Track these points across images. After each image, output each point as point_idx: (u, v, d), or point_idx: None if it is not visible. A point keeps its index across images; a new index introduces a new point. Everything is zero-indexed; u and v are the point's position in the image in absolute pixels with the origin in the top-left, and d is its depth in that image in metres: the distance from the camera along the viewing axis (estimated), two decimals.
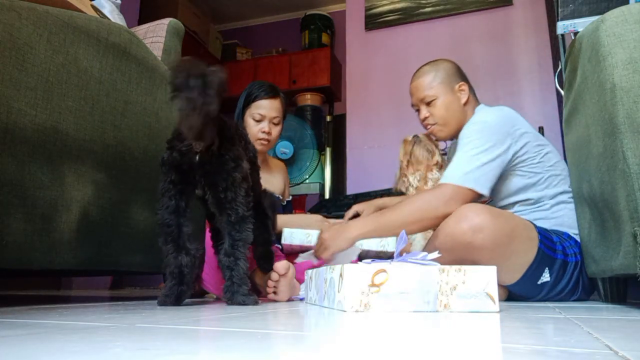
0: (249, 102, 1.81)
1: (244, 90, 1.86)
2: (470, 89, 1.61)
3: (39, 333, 0.55)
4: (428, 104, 1.58)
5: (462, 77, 1.61)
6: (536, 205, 1.47)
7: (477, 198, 1.37)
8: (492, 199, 1.41)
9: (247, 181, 1.08)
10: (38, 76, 1.02)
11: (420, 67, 1.65)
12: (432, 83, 1.57)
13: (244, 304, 1.04)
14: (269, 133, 1.78)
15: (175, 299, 1.04)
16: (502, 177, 1.43)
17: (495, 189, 1.43)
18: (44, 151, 1.04)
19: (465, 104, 1.58)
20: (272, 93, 1.80)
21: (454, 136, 1.61)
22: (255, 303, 1.06)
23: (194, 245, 1.06)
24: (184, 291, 1.05)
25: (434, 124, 1.59)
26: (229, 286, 1.05)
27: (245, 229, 1.06)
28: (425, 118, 1.60)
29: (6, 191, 0.95)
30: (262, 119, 1.77)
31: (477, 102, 1.63)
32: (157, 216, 1.05)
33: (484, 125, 1.42)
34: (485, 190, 1.35)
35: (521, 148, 1.43)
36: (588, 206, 1.28)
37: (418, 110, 1.64)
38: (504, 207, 1.49)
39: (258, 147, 1.79)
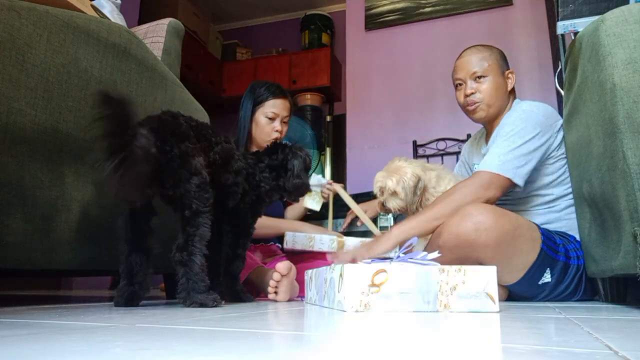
0: (261, 101, 1.82)
1: (250, 90, 1.86)
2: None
3: (39, 333, 0.55)
4: (478, 78, 1.53)
5: (509, 65, 1.60)
6: (551, 205, 1.47)
7: (512, 187, 1.37)
8: (520, 189, 1.39)
9: (199, 175, 1.03)
10: (38, 76, 1.02)
11: (472, 46, 1.61)
12: (486, 61, 1.54)
13: (202, 304, 0.97)
14: (280, 132, 1.82)
15: (126, 301, 1.02)
16: (534, 168, 1.42)
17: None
18: (44, 151, 1.04)
19: (510, 92, 1.57)
20: (283, 93, 1.85)
21: (491, 120, 1.57)
22: (216, 303, 0.99)
23: (152, 244, 1.05)
24: (136, 292, 1.02)
25: (479, 102, 1.53)
26: (183, 284, 0.98)
27: (201, 223, 1.01)
28: (471, 94, 1.54)
29: (6, 191, 0.95)
30: (275, 117, 1.81)
31: (515, 96, 1.62)
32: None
33: (529, 115, 1.42)
34: (521, 182, 1.35)
35: (558, 143, 1.44)
36: (588, 206, 1.28)
37: (459, 85, 1.58)
38: (523, 199, 1.48)
39: None
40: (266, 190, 1.31)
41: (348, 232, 1.92)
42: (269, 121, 1.80)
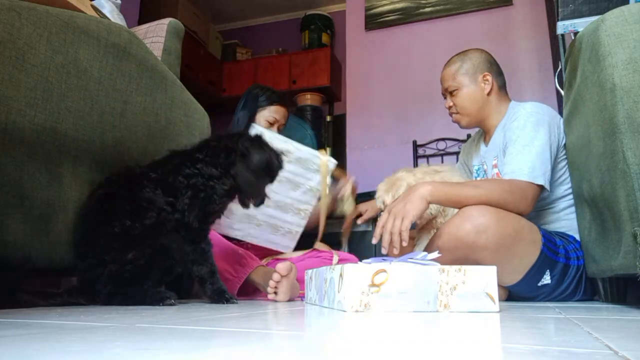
0: (264, 105, 1.85)
1: (253, 93, 1.86)
2: (497, 79, 1.59)
3: (39, 333, 0.55)
4: (451, 93, 1.61)
5: (489, 67, 1.60)
6: (550, 206, 1.47)
7: (541, 194, 1.37)
8: (547, 193, 1.40)
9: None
10: (38, 76, 1.02)
11: (451, 58, 1.67)
12: (456, 74, 1.60)
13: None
14: None
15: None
16: None
17: None
18: (42, 151, 1.04)
19: (489, 93, 1.57)
20: (285, 102, 1.89)
21: (476, 125, 1.64)
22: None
23: None
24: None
25: (456, 113, 1.63)
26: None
27: None
28: (450, 107, 1.64)
29: (5, 191, 0.95)
30: (274, 122, 1.84)
31: (507, 95, 1.62)
32: None
33: (539, 116, 1.42)
34: (549, 187, 1.36)
35: (563, 144, 1.45)
36: (588, 206, 1.28)
37: (445, 98, 1.67)
38: None
39: None
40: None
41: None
42: (268, 125, 1.82)
